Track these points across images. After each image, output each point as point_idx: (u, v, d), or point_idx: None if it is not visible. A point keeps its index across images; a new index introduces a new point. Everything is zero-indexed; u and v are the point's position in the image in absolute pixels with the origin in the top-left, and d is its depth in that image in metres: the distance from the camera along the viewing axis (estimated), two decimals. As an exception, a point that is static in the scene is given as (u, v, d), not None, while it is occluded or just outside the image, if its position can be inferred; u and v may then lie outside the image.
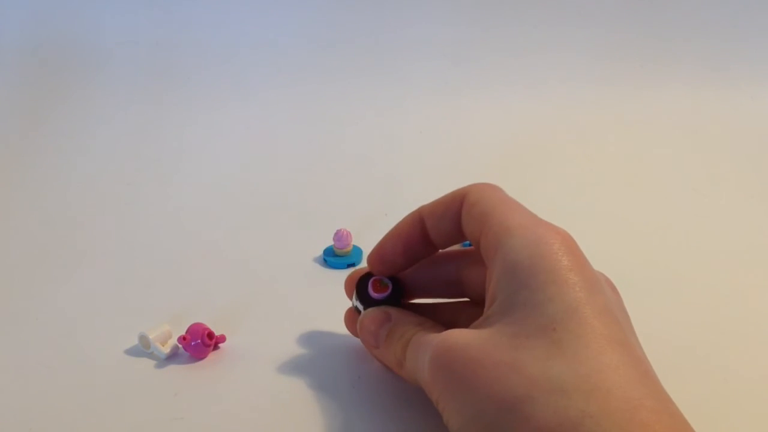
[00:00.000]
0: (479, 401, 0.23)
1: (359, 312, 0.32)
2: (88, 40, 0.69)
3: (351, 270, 0.35)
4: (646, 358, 0.25)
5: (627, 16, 0.69)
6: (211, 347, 0.34)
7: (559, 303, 0.24)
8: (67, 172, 0.58)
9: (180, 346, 0.34)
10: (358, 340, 0.36)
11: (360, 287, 0.32)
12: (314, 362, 0.34)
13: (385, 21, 0.69)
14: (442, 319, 0.31)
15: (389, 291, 0.32)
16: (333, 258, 0.43)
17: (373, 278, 0.32)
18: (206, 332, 0.34)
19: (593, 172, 0.57)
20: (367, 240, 0.45)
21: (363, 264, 0.43)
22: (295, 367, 0.34)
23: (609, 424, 0.21)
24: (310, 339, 0.36)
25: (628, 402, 0.21)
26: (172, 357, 0.35)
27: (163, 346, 0.34)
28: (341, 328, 0.37)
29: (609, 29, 0.69)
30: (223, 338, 0.35)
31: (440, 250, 0.32)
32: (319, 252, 0.44)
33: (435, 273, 0.32)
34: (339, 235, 0.43)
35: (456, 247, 0.37)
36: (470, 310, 0.31)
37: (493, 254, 0.26)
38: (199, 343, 0.34)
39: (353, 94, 0.67)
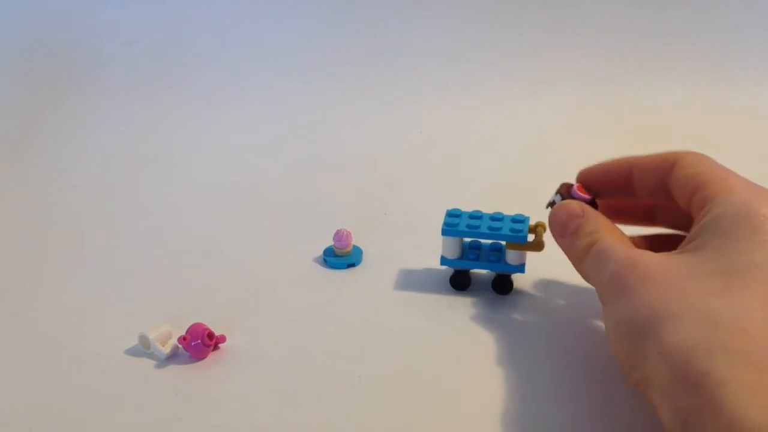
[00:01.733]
0: (639, 307, 0.26)
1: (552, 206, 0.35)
2: (88, 40, 0.69)
3: None
4: None
5: (627, 17, 0.69)
6: (211, 347, 0.34)
7: (745, 257, 0.26)
8: (67, 172, 0.58)
9: (180, 346, 0.34)
10: (360, 341, 0.36)
11: (563, 188, 0.36)
12: (314, 362, 0.34)
13: (386, 21, 0.69)
14: None
15: (591, 196, 0.35)
16: (333, 258, 0.43)
17: (578, 184, 0.36)
18: (206, 332, 0.34)
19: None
20: (367, 240, 0.45)
21: (363, 264, 0.43)
22: (295, 367, 0.34)
23: (740, 362, 0.22)
24: (310, 339, 0.36)
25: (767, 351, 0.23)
26: (172, 357, 0.35)
27: (163, 346, 0.34)
28: (341, 328, 0.37)
29: (609, 30, 0.69)
30: (223, 338, 0.35)
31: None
32: (319, 252, 0.44)
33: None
34: (339, 235, 0.43)
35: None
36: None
37: (705, 205, 0.29)
38: (199, 343, 0.34)
39: (353, 94, 0.67)
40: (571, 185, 0.36)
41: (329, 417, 0.30)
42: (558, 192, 0.36)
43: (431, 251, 0.41)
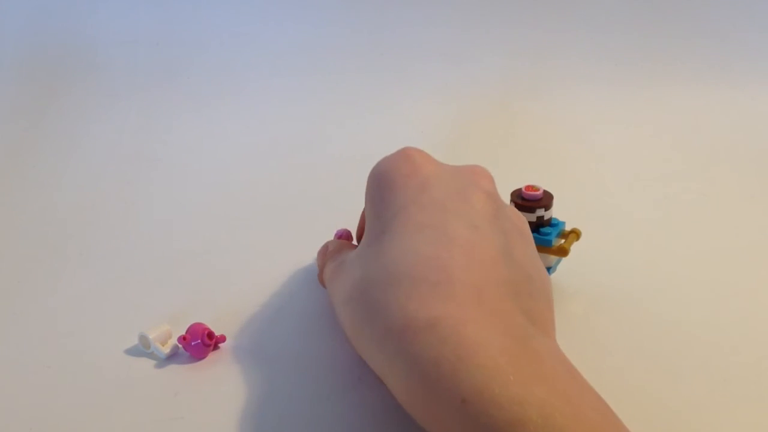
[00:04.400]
0: (336, 304, 0.30)
1: None
2: (88, 40, 0.69)
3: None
4: (469, 234, 0.27)
5: (627, 16, 0.69)
6: (211, 347, 0.34)
7: (392, 207, 0.28)
8: (67, 172, 0.58)
9: (180, 346, 0.34)
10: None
11: (513, 195, 0.39)
12: (314, 363, 0.34)
13: (386, 21, 0.69)
14: None
15: (540, 193, 0.38)
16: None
17: (527, 185, 0.39)
18: (206, 332, 0.34)
19: (593, 173, 0.57)
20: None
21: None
22: (295, 367, 0.34)
23: (392, 309, 0.24)
24: (310, 339, 0.36)
25: (407, 279, 0.25)
26: (172, 357, 0.35)
27: (163, 346, 0.34)
28: (341, 328, 0.37)
29: (609, 29, 0.69)
30: (223, 338, 0.35)
31: None
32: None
33: None
34: (340, 235, 0.42)
35: None
36: None
37: None
38: (199, 343, 0.34)
39: (353, 93, 0.67)
40: (521, 189, 0.38)
41: (329, 417, 0.30)
42: (511, 200, 0.38)
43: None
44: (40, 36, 0.69)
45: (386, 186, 0.29)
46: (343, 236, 0.43)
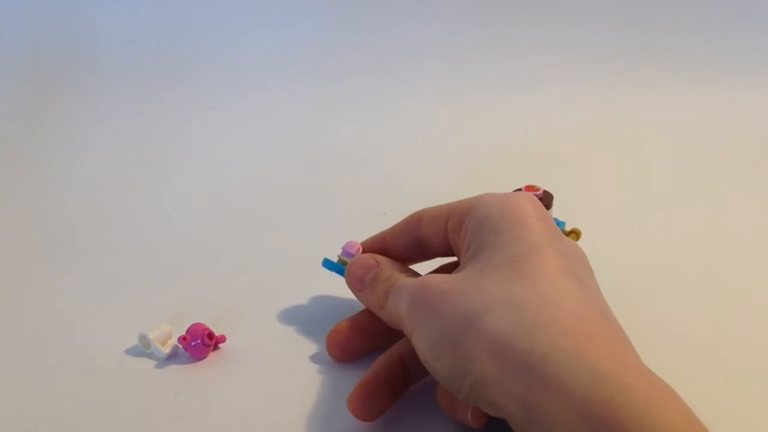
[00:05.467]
0: (446, 321, 0.26)
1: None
2: (88, 40, 0.69)
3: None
4: (600, 295, 0.27)
5: (627, 15, 0.69)
6: (211, 347, 0.35)
7: (525, 242, 0.27)
8: (67, 172, 0.58)
9: (180, 346, 0.34)
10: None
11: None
12: (314, 362, 0.34)
13: (385, 20, 0.69)
14: None
15: (541, 192, 0.38)
16: (332, 263, 0.42)
17: (527, 185, 0.39)
18: (206, 332, 0.34)
19: (593, 172, 0.57)
20: (367, 240, 0.45)
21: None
22: (295, 367, 0.34)
23: (557, 332, 0.23)
24: (310, 339, 0.36)
25: (576, 314, 0.24)
26: (172, 357, 0.35)
27: (163, 346, 0.34)
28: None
29: (609, 29, 0.69)
30: (223, 338, 0.35)
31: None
32: (319, 251, 0.44)
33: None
34: (350, 245, 0.40)
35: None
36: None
37: (467, 215, 0.30)
38: (199, 343, 0.34)
39: (353, 93, 0.67)
40: (521, 189, 0.38)
41: (329, 417, 0.30)
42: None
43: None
44: (41, 36, 0.69)
45: (516, 221, 0.28)
46: (354, 249, 0.40)
